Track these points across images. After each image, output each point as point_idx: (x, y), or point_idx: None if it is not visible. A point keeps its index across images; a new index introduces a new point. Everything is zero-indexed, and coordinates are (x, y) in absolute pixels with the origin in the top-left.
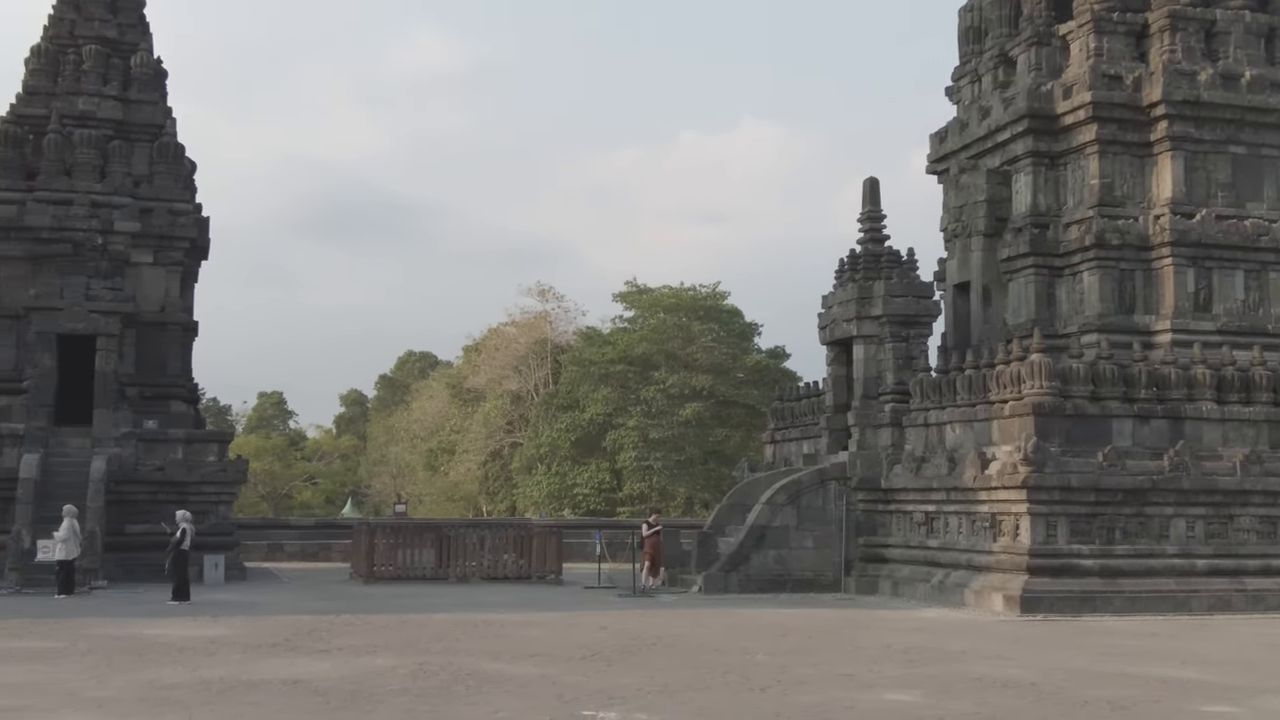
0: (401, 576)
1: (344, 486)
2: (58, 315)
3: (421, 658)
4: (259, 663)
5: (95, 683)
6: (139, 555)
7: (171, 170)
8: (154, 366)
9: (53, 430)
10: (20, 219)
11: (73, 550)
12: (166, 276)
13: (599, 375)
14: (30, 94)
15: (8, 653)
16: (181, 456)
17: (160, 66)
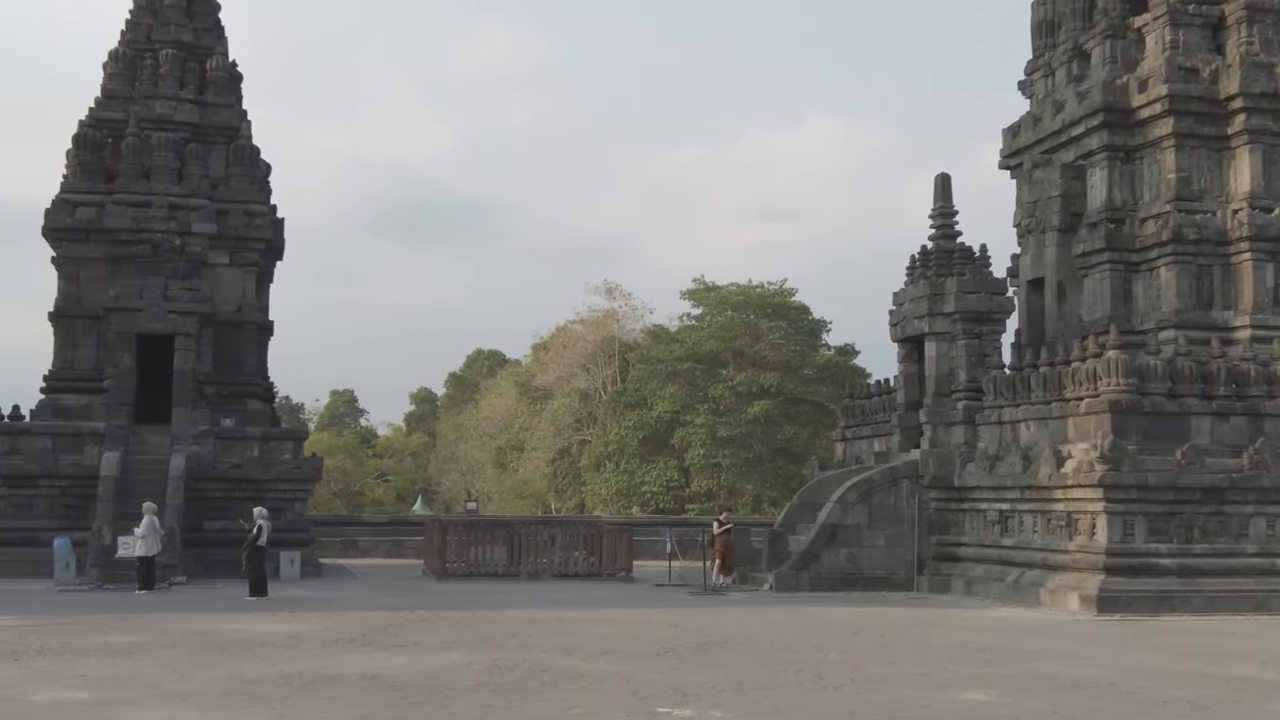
0: (473, 573)
1: (414, 484)
2: (137, 315)
3: (496, 654)
4: (337, 658)
5: (178, 677)
6: (216, 551)
7: (247, 172)
8: (231, 365)
9: (133, 428)
10: (100, 221)
11: (153, 546)
12: (243, 277)
13: (667, 373)
14: (109, 98)
15: (92, 647)
16: (258, 454)
17: (235, 70)
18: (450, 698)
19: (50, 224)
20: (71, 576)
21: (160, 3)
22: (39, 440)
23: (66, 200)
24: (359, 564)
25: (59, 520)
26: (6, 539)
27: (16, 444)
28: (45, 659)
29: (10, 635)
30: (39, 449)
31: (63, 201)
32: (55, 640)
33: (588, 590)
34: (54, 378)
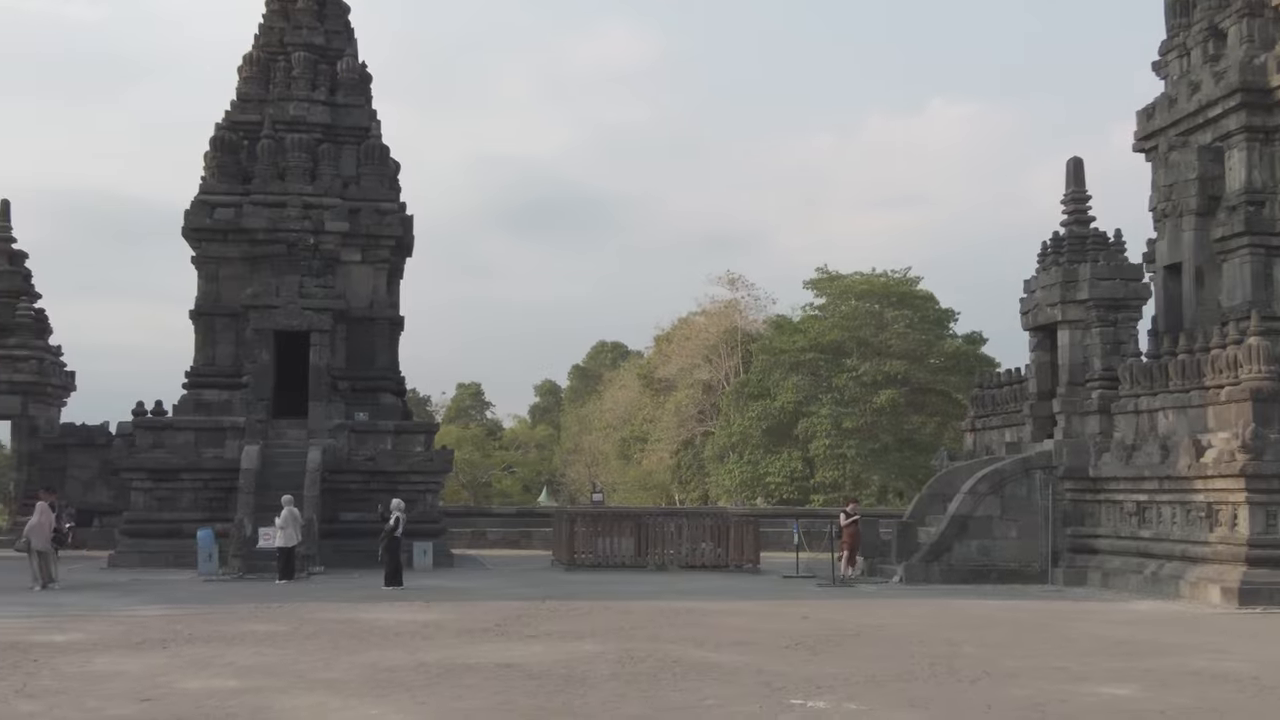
0: (601, 564)
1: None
2: (274, 313)
3: (627, 644)
4: (473, 646)
5: (322, 664)
6: (352, 542)
7: (377, 171)
8: (363, 360)
9: (271, 423)
10: (238, 221)
11: (292, 537)
12: (374, 274)
13: (790, 363)
14: (244, 101)
15: (238, 635)
16: (391, 447)
17: (365, 71)
18: (585, 687)
19: (190, 225)
20: (215, 567)
21: (292, 7)
22: (182, 435)
23: (205, 201)
24: (488, 554)
25: (202, 512)
26: (152, 530)
27: (161, 438)
28: (194, 647)
29: (159, 624)
30: (182, 443)
31: (201, 203)
32: (203, 629)
33: (715, 581)
34: (195, 374)
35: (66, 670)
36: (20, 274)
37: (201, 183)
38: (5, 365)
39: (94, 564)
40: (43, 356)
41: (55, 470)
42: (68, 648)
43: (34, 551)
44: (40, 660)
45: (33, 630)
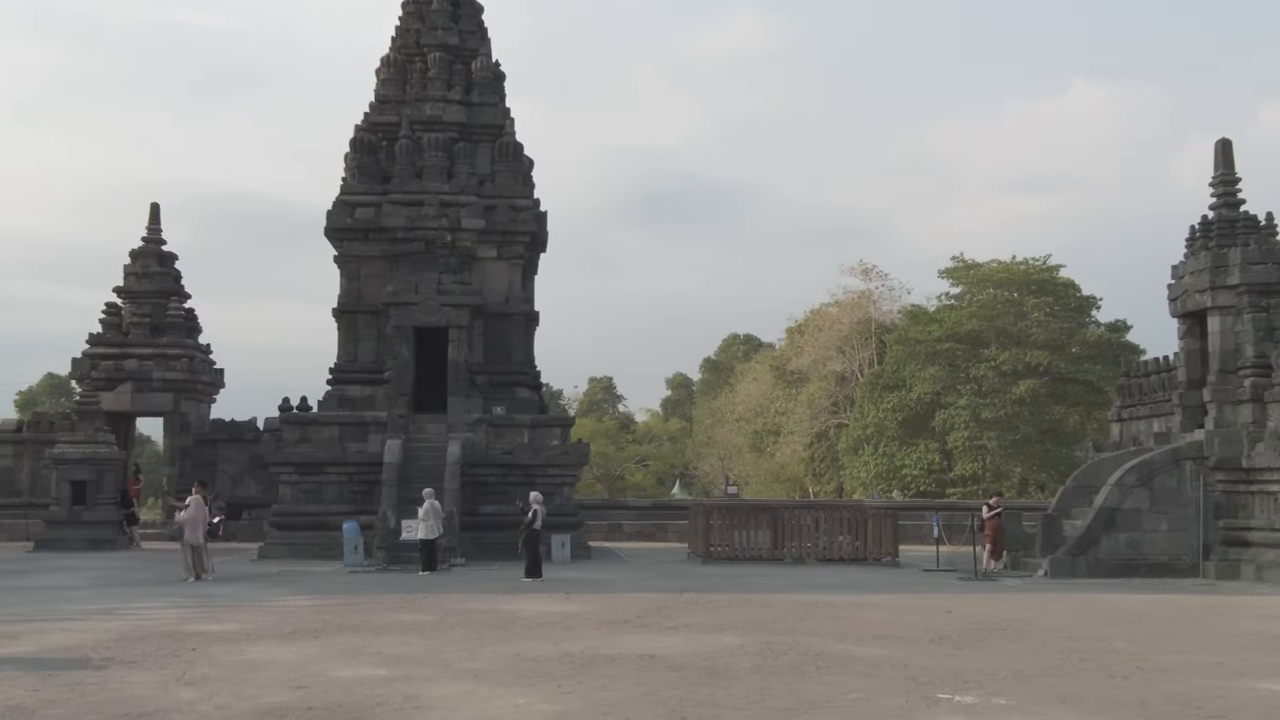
0: (737, 557)
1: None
2: (413, 310)
3: (768, 637)
4: (614, 638)
5: (467, 654)
6: (491, 534)
7: (512, 168)
8: (500, 355)
9: (411, 417)
10: (378, 221)
11: (434, 530)
12: (509, 269)
13: (926, 354)
14: (382, 102)
15: (385, 625)
16: (528, 440)
17: (498, 69)
18: (728, 679)
19: (332, 225)
20: (360, 558)
21: (427, 8)
22: (327, 430)
23: (346, 202)
24: (624, 547)
25: (346, 505)
26: (299, 523)
27: (307, 433)
28: (344, 636)
29: (310, 614)
30: (327, 438)
31: (343, 203)
32: (351, 619)
33: (854, 575)
34: (339, 370)
35: (223, 659)
36: (171, 275)
37: (342, 183)
38: (158, 363)
39: (244, 555)
40: (193, 355)
41: (206, 465)
42: (223, 637)
43: (187, 544)
44: (198, 649)
45: (189, 620)
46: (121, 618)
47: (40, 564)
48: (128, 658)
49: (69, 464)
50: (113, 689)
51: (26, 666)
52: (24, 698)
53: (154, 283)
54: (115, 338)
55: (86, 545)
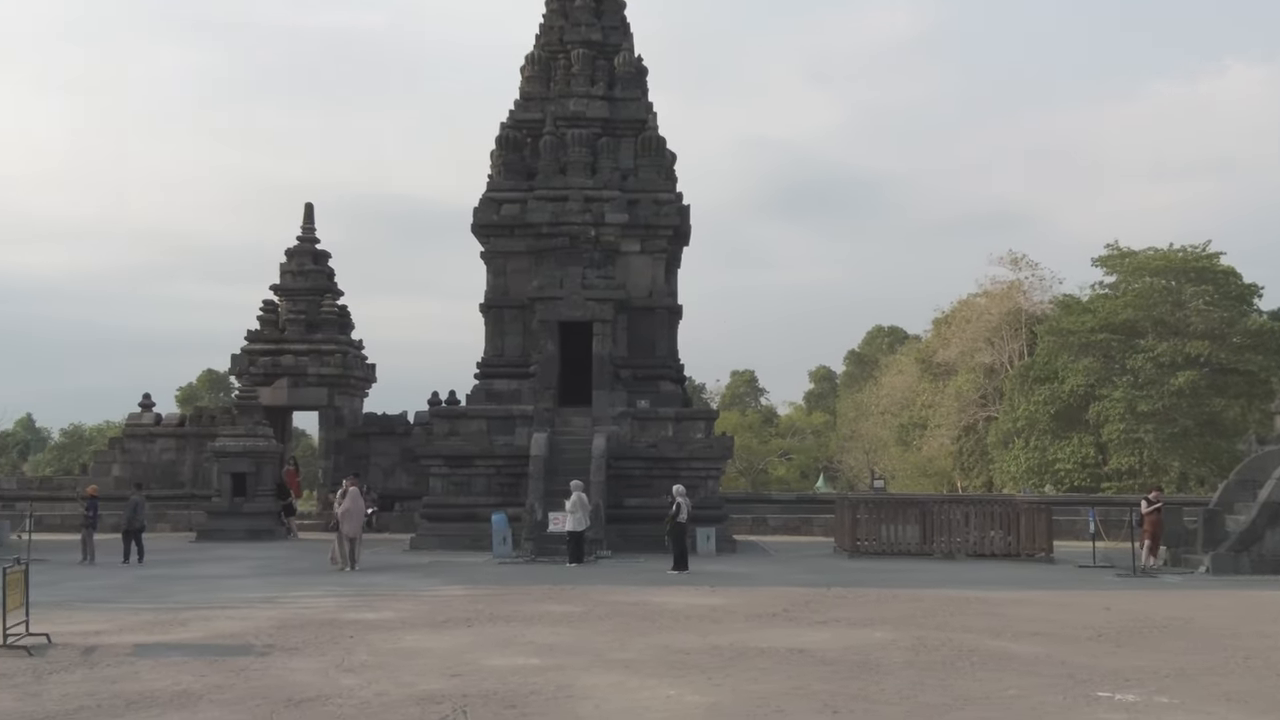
0: (885, 551)
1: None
2: (558, 304)
3: (919, 632)
4: (762, 631)
5: (617, 645)
6: (636, 527)
7: (654, 162)
8: (644, 349)
9: (557, 411)
10: (523, 217)
11: (581, 522)
12: (653, 263)
13: (1078, 345)
14: (526, 100)
15: (536, 615)
16: (672, 434)
17: (640, 64)
18: (880, 674)
19: (478, 221)
20: (509, 549)
21: (571, 5)
22: (475, 423)
23: (492, 199)
24: (768, 541)
25: (494, 497)
26: (449, 514)
27: (455, 427)
28: (495, 626)
29: (462, 604)
30: (475, 431)
31: (489, 200)
32: (502, 609)
33: (1006, 570)
34: (486, 364)
35: (380, 646)
36: (324, 273)
37: (488, 180)
38: (313, 359)
39: (396, 546)
40: (346, 350)
41: (359, 458)
42: (379, 625)
43: (345, 535)
44: (355, 637)
45: (346, 609)
46: (281, 606)
47: (203, 554)
48: (289, 644)
49: (230, 457)
50: (275, 675)
51: (193, 652)
52: (191, 683)
53: (308, 281)
54: (272, 334)
55: (246, 535)
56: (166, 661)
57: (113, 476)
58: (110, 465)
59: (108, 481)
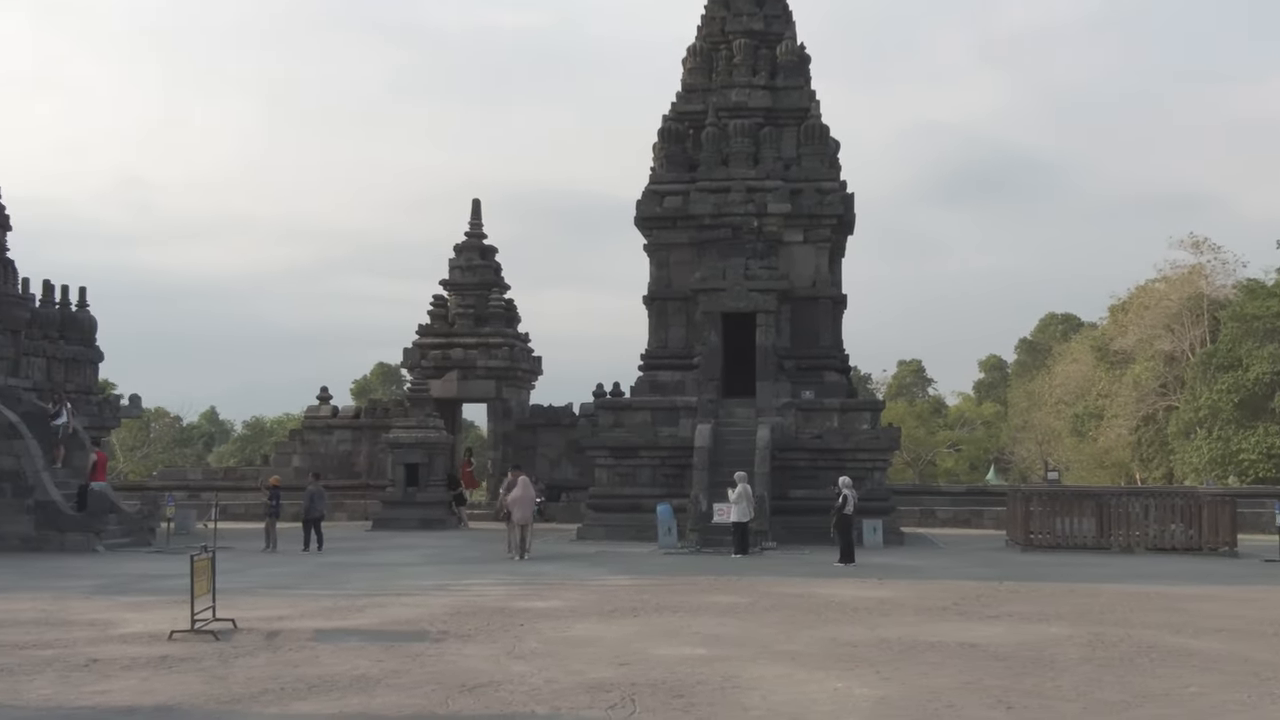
0: (1059, 545)
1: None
2: (721, 295)
3: (1095, 628)
4: (932, 625)
5: (783, 637)
6: (801, 518)
7: (818, 151)
8: (807, 339)
9: (721, 402)
10: (685, 209)
11: (746, 513)
12: (816, 253)
13: (1264, 330)
14: (688, 91)
15: (701, 606)
16: (837, 425)
17: (803, 52)
18: (1055, 670)
19: (641, 214)
20: (673, 540)
21: None
22: (639, 415)
23: (655, 191)
24: (936, 533)
25: (658, 488)
26: (614, 505)
27: (620, 418)
28: (661, 616)
29: (628, 594)
30: (639, 422)
31: (651, 193)
32: (668, 599)
33: (1187, 565)
34: (649, 356)
35: (549, 634)
36: (492, 267)
37: (651, 173)
38: (481, 352)
39: (563, 536)
40: (513, 343)
41: (526, 449)
42: (548, 614)
43: (515, 524)
44: (525, 625)
45: (516, 597)
46: (453, 593)
47: (378, 542)
48: (461, 631)
49: (403, 448)
50: (449, 661)
51: (370, 638)
52: (369, 667)
53: (476, 275)
54: (442, 328)
55: (419, 524)
56: (345, 646)
57: (293, 467)
58: (290, 456)
59: (288, 472)
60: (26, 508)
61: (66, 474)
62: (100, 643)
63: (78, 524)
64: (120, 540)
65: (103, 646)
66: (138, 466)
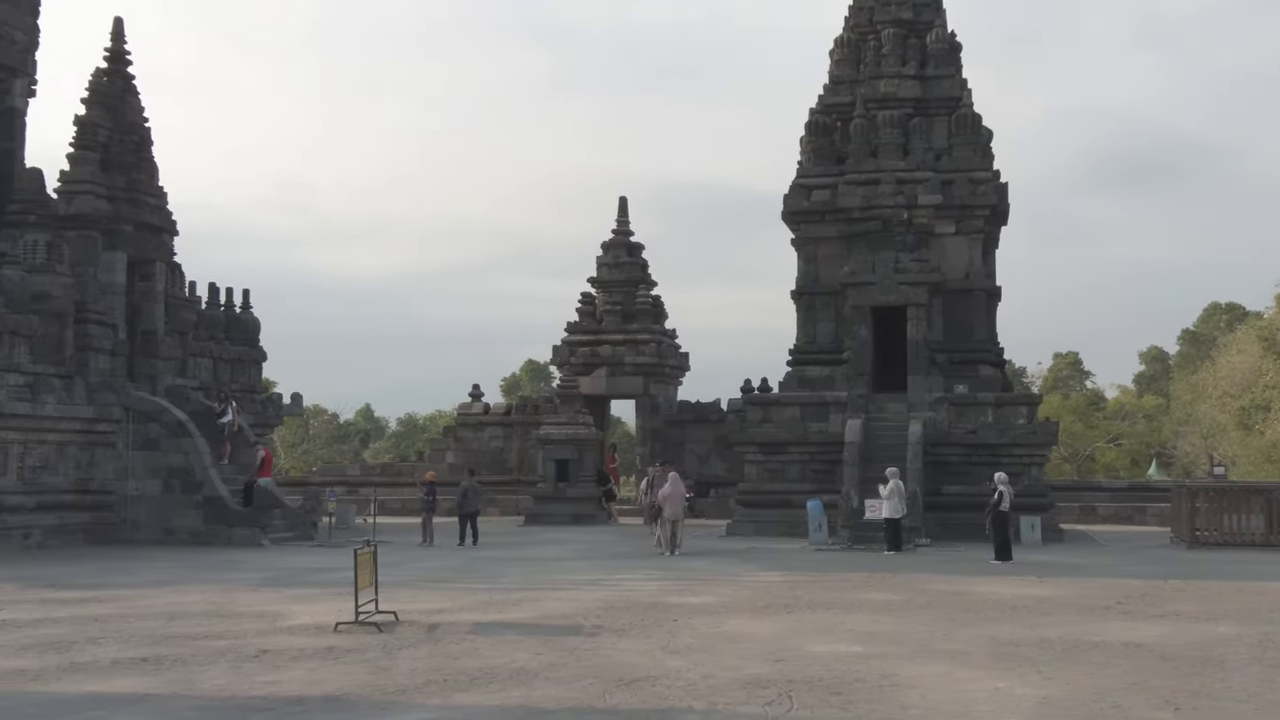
0: (1226, 542)
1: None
2: (870, 289)
3: (1265, 627)
4: (1094, 624)
5: (941, 635)
6: (955, 515)
7: (970, 140)
8: (960, 333)
9: (871, 397)
10: (834, 202)
11: (898, 509)
12: (969, 245)
13: None
14: (835, 83)
15: (855, 603)
16: (992, 419)
17: (954, 40)
18: (1224, 670)
19: (788, 208)
20: (824, 536)
21: None
22: (788, 410)
23: (802, 185)
24: (1097, 530)
25: (808, 483)
26: (763, 500)
27: (769, 414)
28: (815, 613)
29: (780, 590)
30: (788, 418)
31: (799, 186)
32: (821, 596)
33: None
34: (798, 351)
35: (703, 630)
36: (638, 264)
37: (798, 167)
38: (629, 349)
39: (712, 531)
40: (660, 340)
41: (674, 444)
42: (701, 609)
43: (666, 519)
44: (679, 620)
45: (668, 592)
46: (606, 588)
47: (530, 537)
48: (616, 626)
49: (553, 444)
50: (605, 655)
51: (527, 631)
52: (527, 660)
53: (623, 272)
54: (590, 326)
55: (569, 519)
56: (503, 640)
57: (447, 463)
58: (444, 452)
59: (442, 468)
60: (195, 503)
61: (233, 470)
62: (269, 634)
63: (244, 519)
64: (284, 534)
65: (271, 638)
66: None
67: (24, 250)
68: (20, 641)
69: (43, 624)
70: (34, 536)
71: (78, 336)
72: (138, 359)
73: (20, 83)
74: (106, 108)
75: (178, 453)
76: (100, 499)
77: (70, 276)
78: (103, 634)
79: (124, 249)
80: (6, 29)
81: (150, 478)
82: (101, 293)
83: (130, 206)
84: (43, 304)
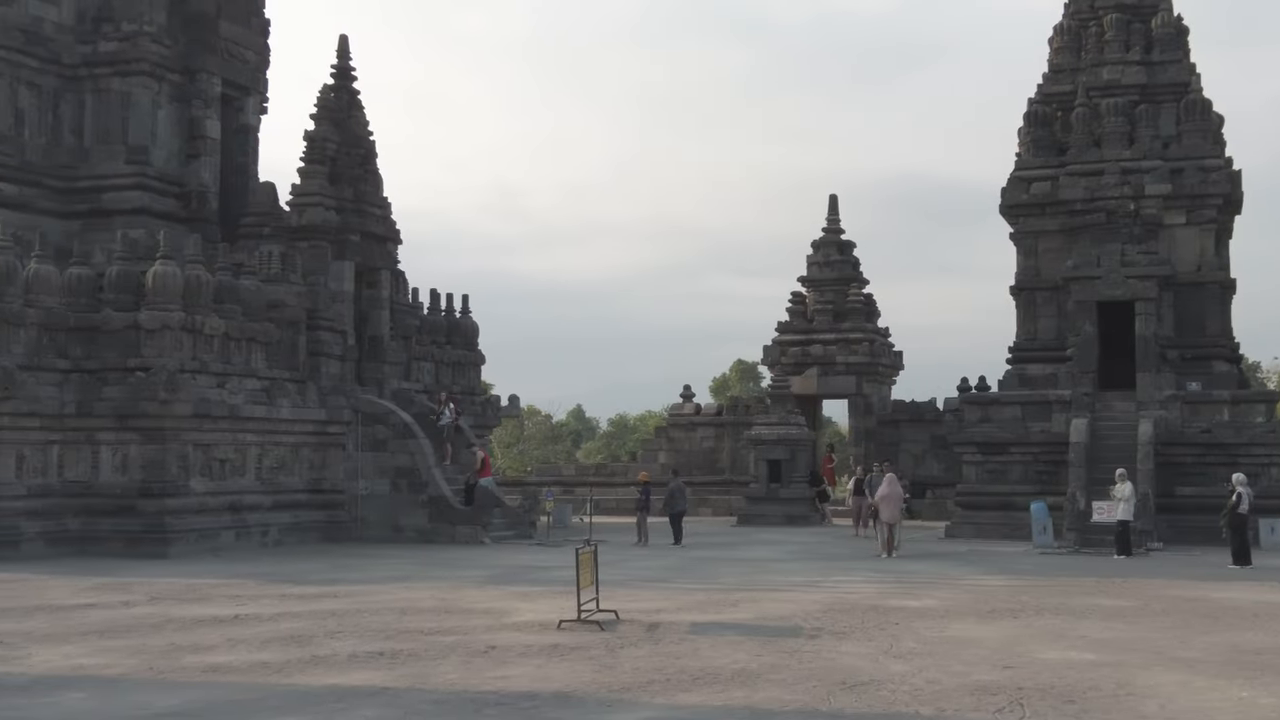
0: None
1: None
2: (1095, 283)
3: None
4: None
5: (1177, 642)
6: (1189, 517)
7: (1199, 127)
8: (1192, 328)
9: (1097, 395)
10: (1054, 194)
11: (1128, 511)
12: (1200, 236)
13: None
14: (1055, 72)
15: (1085, 609)
16: (1227, 418)
17: (1180, 23)
18: None
19: (1007, 202)
20: (1049, 539)
21: None
22: (1008, 409)
23: (1021, 177)
24: None
25: (1030, 485)
26: (983, 502)
27: (988, 413)
28: (1043, 618)
29: (1005, 594)
30: (1009, 417)
31: (1018, 179)
32: (1048, 600)
33: None
34: (1018, 348)
35: (925, 634)
36: (849, 262)
37: (1016, 159)
38: (841, 348)
39: (930, 534)
40: (873, 338)
41: (889, 445)
42: (923, 613)
43: (884, 522)
44: (900, 624)
45: (888, 595)
46: (824, 590)
47: (744, 537)
48: (836, 628)
49: (765, 444)
50: (826, 658)
51: (746, 632)
52: (747, 661)
53: (834, 271)
54: (801, 325)
55: (782, 520)
56: (722, 640)
57: (659, 463)
58: (657, 452)
59: (654, 468)
60: (420, 502)
61: (454, 470)
62: (496, 630)
63: (467, 517)
64: (504, 533)
65: (498, 634)
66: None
67: (260, 261)
68: (263, 636)
69: (283, 618)
70: (271, 534)
71: (310, 343)
72: (365, 364)
73: (253, 101)
74: (334, 122)
75: (404, 453)
76: (332, 498)
77: (302, 285)
78: (340, 628)
79: (352, 258)
80: (238, 49)
81: (378, 478)
82: (331, 300)
83: (357, 217)
84: (277, 312)
